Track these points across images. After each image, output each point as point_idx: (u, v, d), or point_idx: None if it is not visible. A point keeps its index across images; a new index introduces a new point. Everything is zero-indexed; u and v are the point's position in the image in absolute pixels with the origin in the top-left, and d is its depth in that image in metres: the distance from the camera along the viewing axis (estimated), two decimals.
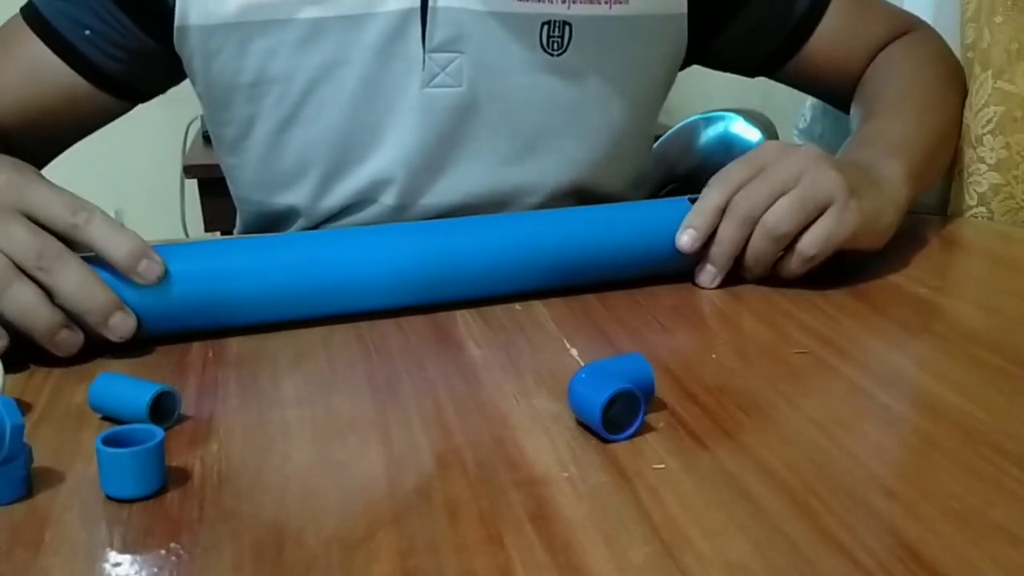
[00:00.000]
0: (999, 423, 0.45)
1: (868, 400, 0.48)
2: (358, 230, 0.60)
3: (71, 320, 0.51)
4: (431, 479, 0.40)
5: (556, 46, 0.72)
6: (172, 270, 0.53)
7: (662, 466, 0.41)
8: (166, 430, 0.42)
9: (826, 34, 0.81)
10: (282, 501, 0.39)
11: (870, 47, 0.82)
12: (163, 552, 0.36)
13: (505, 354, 0.53)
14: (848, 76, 0.82)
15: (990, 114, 0.76)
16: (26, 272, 0.50)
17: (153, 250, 0.52)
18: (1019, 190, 0.77)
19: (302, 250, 0.57)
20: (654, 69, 0.78)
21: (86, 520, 0.38)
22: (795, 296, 0.61)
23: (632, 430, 0.44)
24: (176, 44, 0.71)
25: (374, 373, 0.51)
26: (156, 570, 0.35)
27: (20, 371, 0.51)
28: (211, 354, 0.53)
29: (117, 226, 0.52)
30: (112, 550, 0.36)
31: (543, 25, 0.71)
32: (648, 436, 0.44)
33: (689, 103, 1.33)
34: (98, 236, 0.51)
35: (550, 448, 0.43)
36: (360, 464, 0.42)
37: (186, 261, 0.54)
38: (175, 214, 2.28)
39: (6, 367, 0.47)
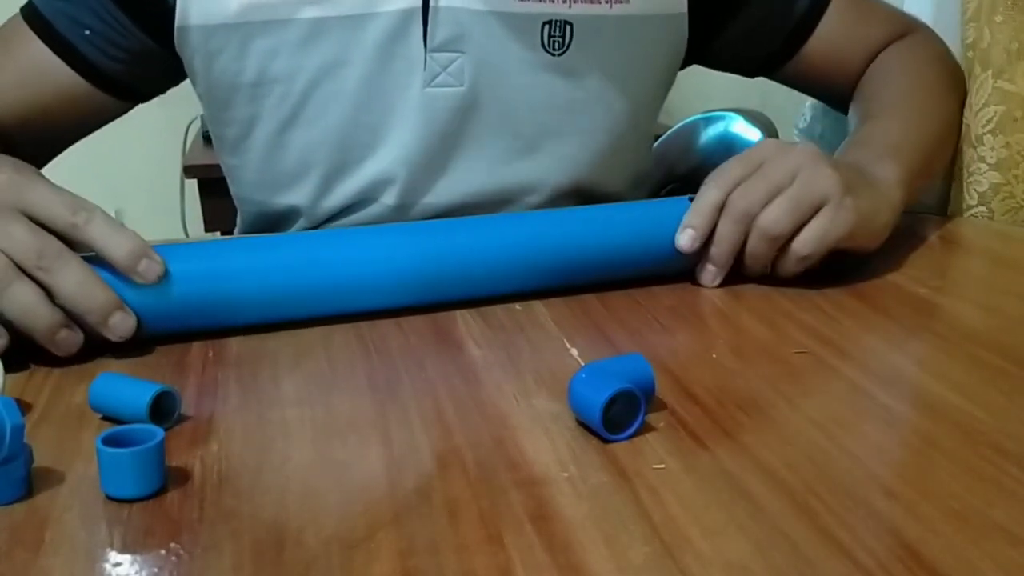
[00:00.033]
0: (999, 423, 0.45)
1: (868, 400, 0.48)
2: (358, 230, 0.60)
3: (71, 320, 0.51)
4: (431, 479, 0.40)
5: (557, 46, 0.72)
6: (172, 270, 0.53)
7: (662, 466, 0.41)
8: (166, 430, 0.42)
9: (825, 35, 0.81)
10: (282, 501, 0.39)
11: (869, 48, 0.82)
12: (163, 552, 0.36)
13: (505, 354, 0.53)
14: (847, 77, 0.82)
15: (990, 114, 0.76)
16: (26, 272, 0.50)
17: (153, 250, 0.52)
18: (1019, 189, 0.77)
19: (302, 250, 0.57)
20: (655, 69, 0.78)
21: (86, 520, 0.38)
22: (795, 296, 0.61)
23: (632, 430, 0.44)
24: (176, 44, 0.71)
25: (374, 373, 0.51)
26: (156, 570, 0.35)
27: (20, 371, 0.51)
28: (211, 354, 0.53)
29: (117, 226, 0.52)
30: (112, 550, 0.36)
31: (544, 25, 0.71)
32: (648, 436, 0.44)
33: (689, 103, 1.33)
34: (98, 236, 0.51)
35: (550, 448, 0.43)
36: (360, 464, 0.42)
37: (186, 261, 0.54)
38: (175, 214, 2.28)
39: (6, 367, 0.47)
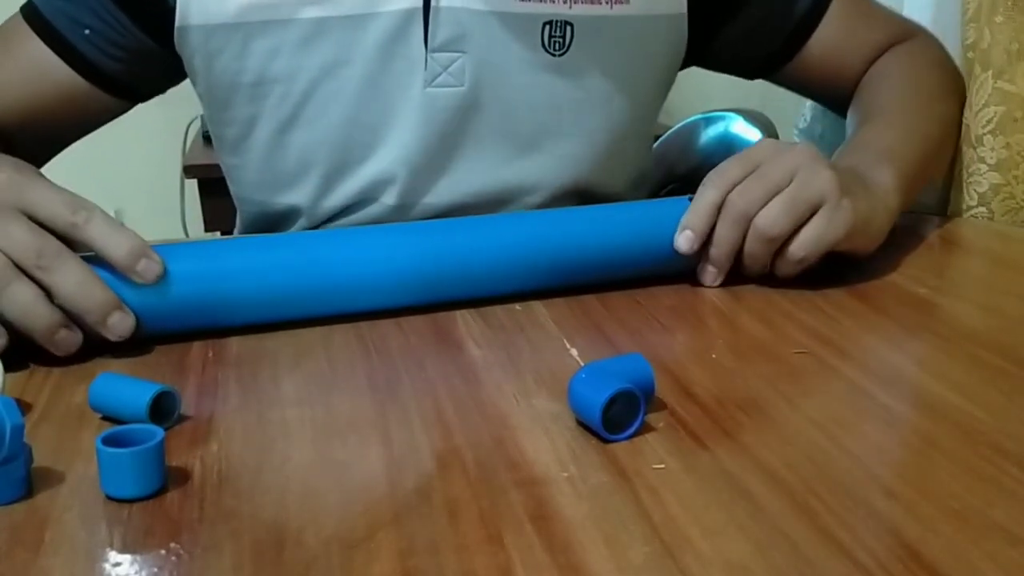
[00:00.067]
0: (999, 423, 0.45)
1: (868, 400, 0.48)
2: (358, 230, 0.60)
3: (70, 319, 0.51)
4: (431, 479, 0.40)
5: (557, 46, 0.72)
6: (171, 270, 0.53)
7: (662, 466, 0.41)
8: (166, 430, 0.42)
9: (825, 38, 0.81)
10: (282, 501, 0.39)
11: (869, 52, 0.82)
12: (163, 552, 0.36)
13: (505, 354, 0.53)
14: (846, 81, 0.82)
15: (990, 114, 0.76)
16: (25, 271, 0.50)
17: (152, 250, 0.52)
18: (1019, 190, 0.77)
19: (301, 250, 0.57)
20: (655, 69, 0.78)
21: (86, 520, 0.38)
22: (795, 296, 0.61)
23: (632, 430, 0.43)
24: (176, 44, 0.71)
25: (374, 373, 0.51)
26: (156, 570, 0.35)
27: (20, 371, 0.51)
28: (211, 354, 0.53)
29: (117, 225, 0.52)
30: (112, 550, 0.36)
31: (545, 25, 0.71)
32: (648, 436, 0.44)
33: (689, 103, 1.33)
34: (98, 235, 0.51)
35: (550, 448, 0.43)
36: (360, 464, 0.42)
37: (185, 261, 0.54)
38: (175, 214, 2.28)
39: (6, 367, 0.47)
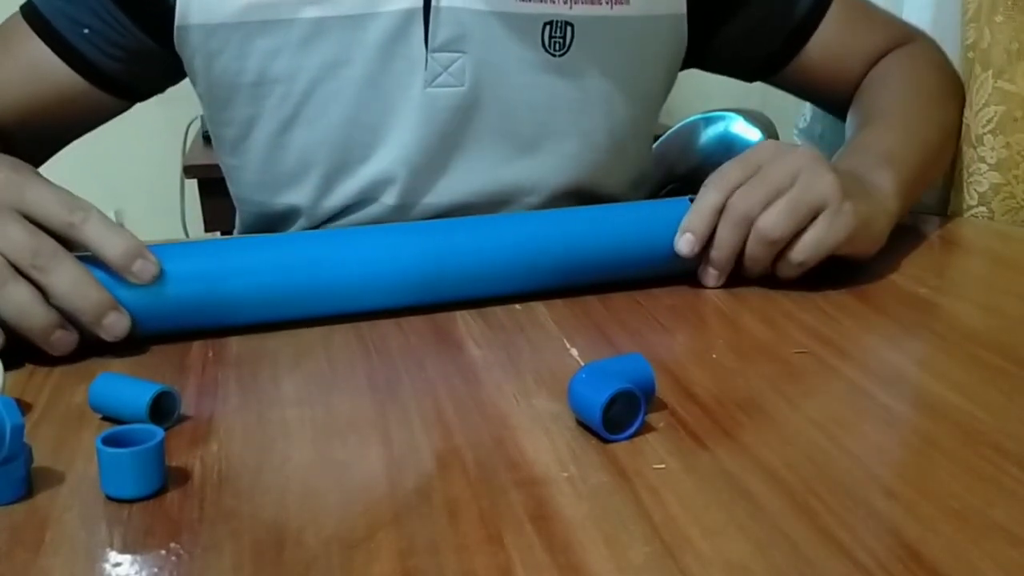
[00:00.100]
0: (999, 423, 0.45)
1: (868, 400, 0.48)
2: (357, 230, 0.60)
3: (66, 320, 0.51)
4: (431, 479, 0.40)
5: (558, 46, 0.72)
6: (168, 270, 0.53)
7: (662, 466, 0.41)
8: (166, 430, 0.42)
9: (825, 40, 0.80)
10: (282, 501, 0.39)
11: (869, 55, 0.82)
12: (163, 552, 0.36)
13: (505, 354, 0.53)
14: (846, 84, 0.82)
15: (990, 114, 0.76)
16: (21, 271, 0.50)
17: (148, 250, 0.52)
18: (1019, 190, 0.77)
19: (299, 250, 0.57)
20: (655, 70, 0.78)
21: (86, 520, 0.38)
22: (795, 296, 0.61)
23: (632, 430, 0.43)
24: (176, 44, 0.71)
25: (374, 373, 0.51)
26: (156, 570, 0.35)
27: (20, 371, 0.51)
28: (211, 354, 0.53)
29: (113, 226, 0.52)
30: (112, 550, 0.36)
31: (545, 25, 0.71)
32: (648, 436, 0.44)
33: (689, 103, 1.33)
34: (94, 235, 0.51)
35: (550, 448, 0.43)
36: (360, 464, 0.42)
37: (182, 261, 0.54)
38: (175, 214, 2.28)
39: (6, 367, 0.47)
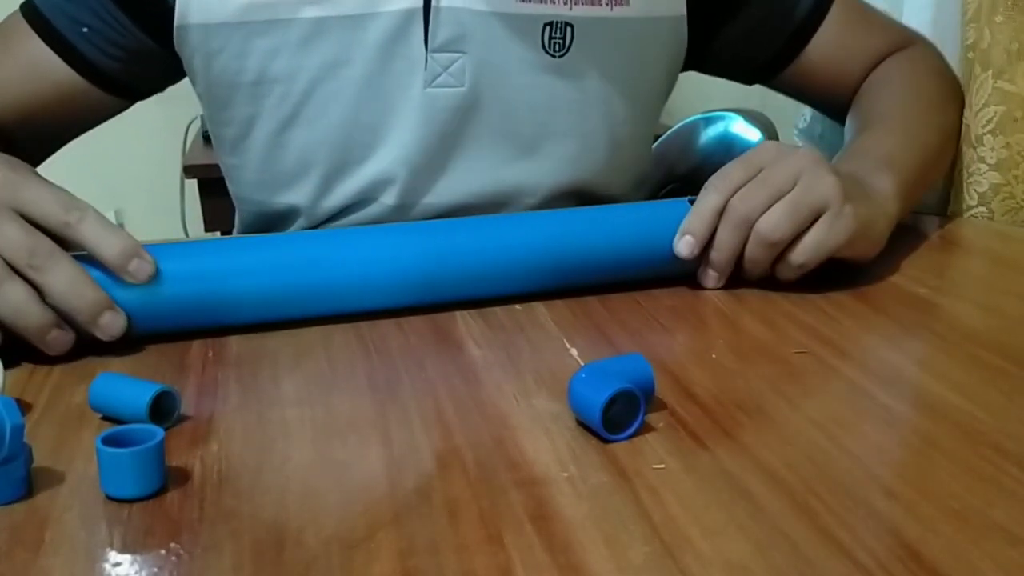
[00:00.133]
0: (999, 423, 0.45)
1: (868, 400, 0.48)
2: (357, 230, 0.60)
3: (62, 319, 0.51)
4: (431, 479, 0.40)
5: (557, 47, 0.71)
6: (164, 269, 0.53)
7: (662, 466, 0.41)
8: (166, 430, 0.42)
9: (824, 43, 0.80)
10: (282, 501, 0.39)
11: (868, 59, 0.81)
12: (163, 552, 0.36)
13: (505, 354, 0.53)
14: (845, 87, 0.82)
15: (990, 114, 0.76)
16: (18, 271, 0.50)
17: (144, 250, 0.52)
18: (1019, 190, 0.77)
19: (297, 249, 0.57)
20: (655, 71, 0.78)
21: (86, 520, 0.38)
22: (795, 296, 0.61)
23: (632, 430, 0.43)
24: (176, 44, 0.71)
25: (374, 373, 0.51)
26: (156, 570, 0.35)
27: (20, 371, 0.51)
28: (211, 354, 0.53)
29: (109, 225, 0.52)
30: (112, 550, 0.36)
31: (545, 26, 0.71)
32: (648, 436, 0.44)
33: (689, 103, 1.33)
34: (90, 235, 0.51)
35: (550, 448, 0.43)
36: (360, 464, 0.42)
37: (179, 260, 0.54)
38: (175, 214, 2.28)
39: (6, 366, 0.47)
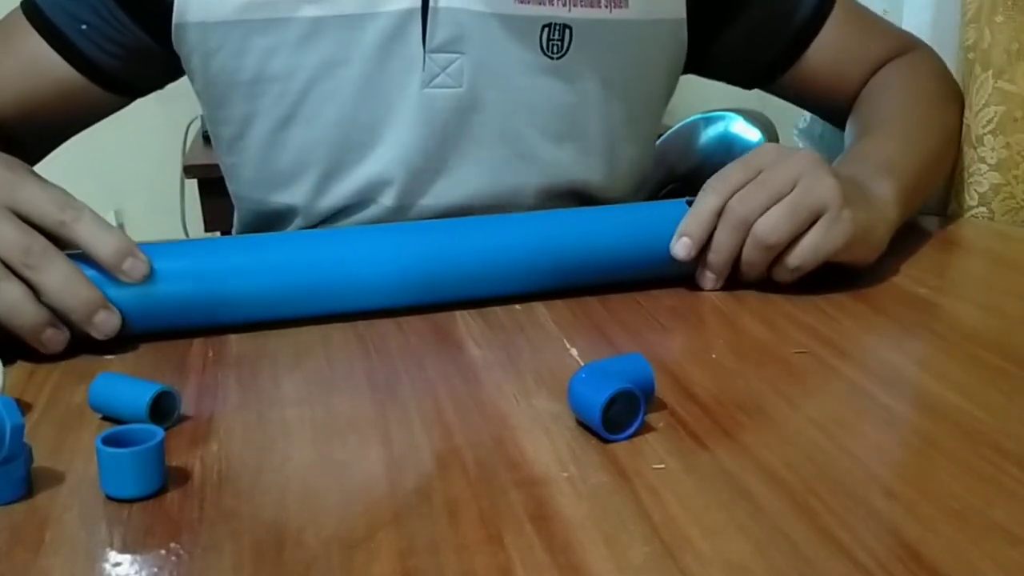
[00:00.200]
0: (999, 423, 0.45)
1: (868, 400, 0.48)
2: (357, 229, 0.60)
3: (57, 318, 0.51)
4: (431, 479, 0.40)
5: (556, 49, 0.71)
6: (159, 268, 0.53)
7: (662, 466, 0.41)
8: (166, 430, 0.42)
9: (825, 47, 0.80)
10: (282, 501, 0.39)
11: (869, 64, 0.81)
12: (163, 552, 0.36)
13: (505, 354, 0.53)
14: (845, 93, 0.82)
15: (990, 114, 0.76)
16: (13, 269, 0.50)
17: (139, 249, 0.52)
18: (1020, 190, 0.77)
19: (295, 249, 0.57)
20: (654, 73, 0.78)
21: (86, 520, 0.38)
22: (795, 296, 0.61)
23: (632, 430, 0.43)
24: (174, 42, 0.71)
25: (374, 373, 0.51)
26: (156, 570, 0.35)
27: (20, 371, 0.51)
28: (211, 354, 0.53)
29: (105, 225, 0.52)
30: (112, 550, 0.36)
31: (543, 28, 0.71)
32: (648, 436, 0.44)
33: (689, 103, 1.33)
34: (85, 234, 0.51)
35: (550, 448, 0.43)
36: (360, 464, 0.42)
37: (174, 259, 0.54)
38: (175, 214, 2.28)
39: (6, 365, 0.47)
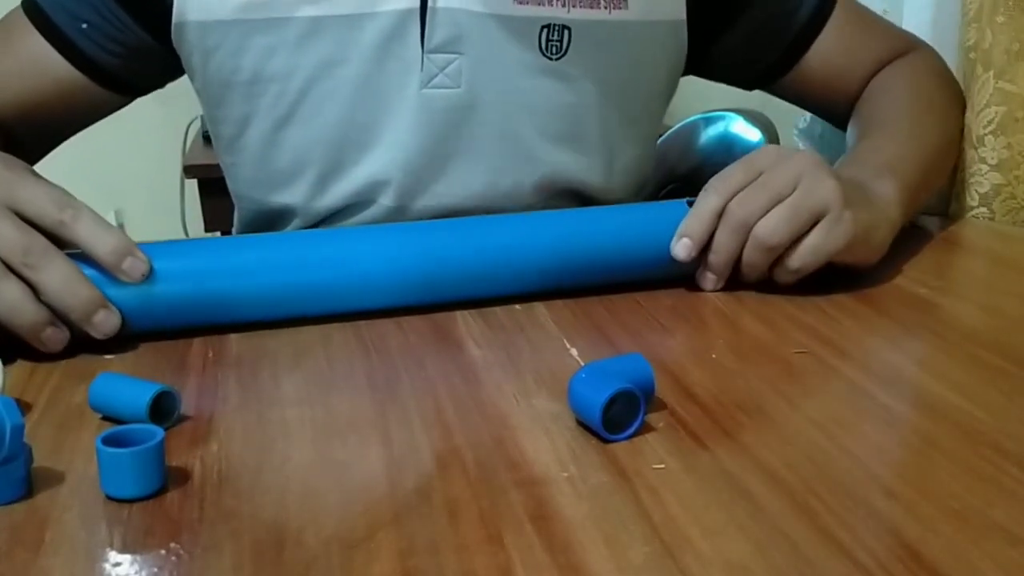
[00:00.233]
0: (999, 423, 0.45)
1: (868, 400, 0.48)
2: (356, 229, 0.60)
3: (56, 317, 0.51)
4: (431, 479, 0.40)
5: (555, 50, 0.71)
6: (159, 268, 0.53)
7: (662, 466, 0.41)
8: (166, 430, 0.42)
9: (826, 49, 0.80)
10: (282, 501, 0.39)
11: (869, 65, 0.81)
12: (163, 552, 0.36)
13: (505, 354, 0.53)
14: (846, 94, 0.81)
15: (991, 114, 0.76)
16: (12, 269, 0.50)
17: (138, 248, 0.53)
18: (1020, 190, 0.77)
19: (293, 249, 0.57)
20: (654, 75, 0.77)
21: (86, 520, 0.38)
22: (795, 297, 0.61)
23: (632, 430, 0.43)
24: (174, 41, 0.71)
25: (374, 373, 0.51)
26: (156, 570, 0.35)
27: (20, 371, 0.51)
28: (211, 354, 0.53)
29: (104, 224, 0.52)
30: (112, 550, 0.36)
31: (542, 29, 0.70)
32: (648, 436, 0.44)
33: (689, 103, 1.32)
34: (84, 233, 0.51)
35: (550, 448, 0.43)
36: (360, 464, 0.42)
37: (173, 259, 0.54)
38: (175, 214, 2.28)
39: (6, 364, 0.47)
